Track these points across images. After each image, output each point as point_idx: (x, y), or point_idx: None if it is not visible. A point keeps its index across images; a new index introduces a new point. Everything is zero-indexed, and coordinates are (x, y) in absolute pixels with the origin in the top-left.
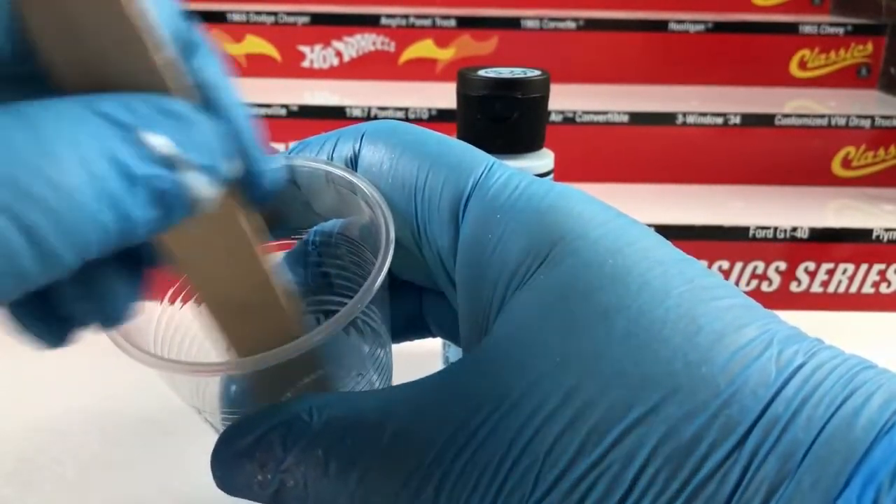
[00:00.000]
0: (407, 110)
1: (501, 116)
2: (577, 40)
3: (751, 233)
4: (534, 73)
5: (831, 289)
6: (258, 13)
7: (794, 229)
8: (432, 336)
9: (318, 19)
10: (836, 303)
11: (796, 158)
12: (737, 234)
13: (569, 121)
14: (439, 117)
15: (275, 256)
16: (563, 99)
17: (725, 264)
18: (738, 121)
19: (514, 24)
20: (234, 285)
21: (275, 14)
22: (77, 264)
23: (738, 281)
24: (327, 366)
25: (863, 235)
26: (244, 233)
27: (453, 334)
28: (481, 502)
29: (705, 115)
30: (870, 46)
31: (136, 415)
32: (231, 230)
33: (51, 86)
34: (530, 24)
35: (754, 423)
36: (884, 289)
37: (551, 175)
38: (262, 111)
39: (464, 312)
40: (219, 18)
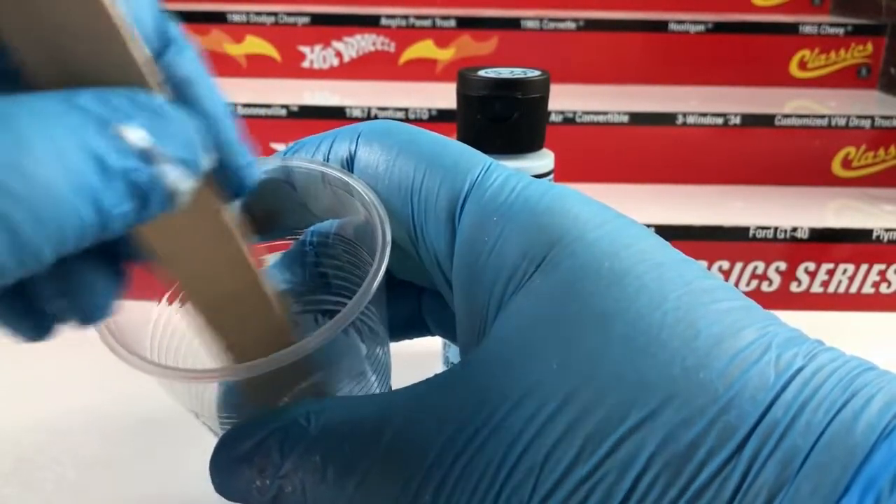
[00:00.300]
0: (407, 111)
1: (501, 117)
2: (577, 40)
3: (751, 233)
4: (534, 74)
5: (831, 289)
6: (258, 13)
7: (794, 229)
8: (431, 334)
9: (318, 19)
10: (836, 303)
11: (796, 158)
12: (737, 235)
13: (569, 121)
14: (439, 117)
15: (265, 258)
16: (563, 99)
17: (725, 264)
18: (738, 121)
19: (514, 24)
20: (218, 281)
21: (275, 14)
22: (54, 258)
23: (738, 281)
24: (325, 368)
25: (863, 235)
26: (226, 226)
27: (452, 333)
28: None
29: (705, 115)
30: (870, 47)
31: (136, 415)
32: (212, 224)
33: (25, 83)
34: (530, 24)
35: (753, 428)
36: (884, 289)
37: (551, 175)
38: (262, 111)
39: (461, 316)
40: (219, 18)
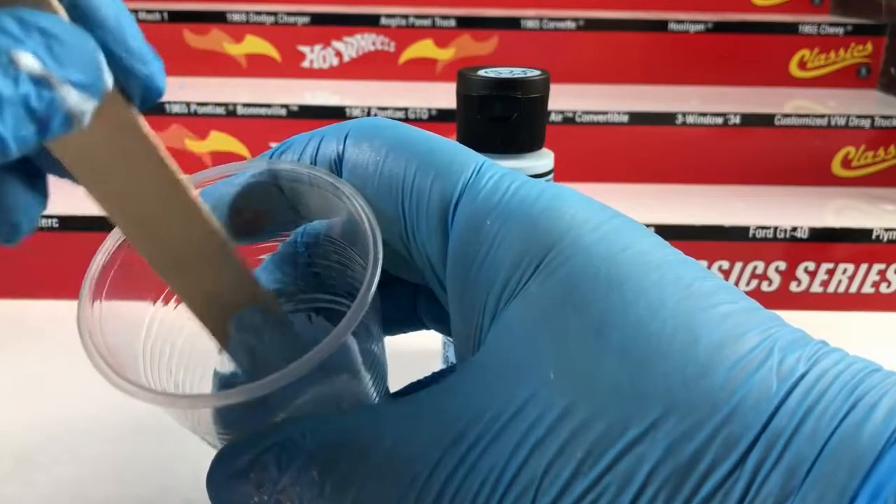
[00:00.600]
0: (407, 110)
1: (501, 116)
2: (577, 40)
3: (751, 233)
4: (534, 73)
5: (831, 289)
6: (258, 13)
7: (794, 229)
8: (427, 329)
9: (318, 19)
10: (836, 303)
11: (796, 158)
12: (737, 234)
13: (569, 121)
14: (439, 117)
15: (260, 259)
16: (563, 99)
17: (725, 264)
18: (738, 121)
19: (514, 24)
20: (146, 199)
21: (275, 14)
22: None
23: (738, 281)
24: (320, 383)
25: (863, 235)
26: (145, 136)
27: (449, 330)
28: None
29: (705, 115)
30: (870, 46)
31: (137, 415)
32: (127, 135)
33: None
34: (530, 24)
35: (756, 438)
36: (884, 289)
37: (551, 175)
38: (262, 111)
39: (456, 322)
40: (219, 18)
